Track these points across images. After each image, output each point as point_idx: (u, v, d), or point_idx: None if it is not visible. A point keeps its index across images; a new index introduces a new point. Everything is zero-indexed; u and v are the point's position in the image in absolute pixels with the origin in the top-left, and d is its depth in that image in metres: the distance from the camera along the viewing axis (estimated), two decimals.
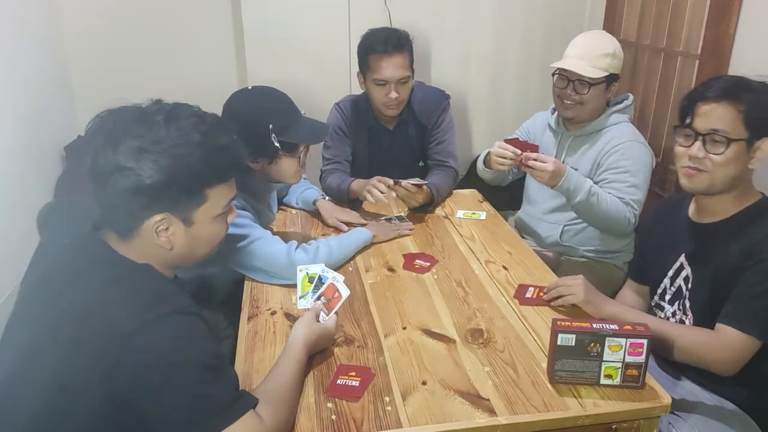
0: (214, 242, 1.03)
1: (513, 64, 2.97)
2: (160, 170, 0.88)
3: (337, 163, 2.03)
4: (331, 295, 1.20)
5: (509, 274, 1.48)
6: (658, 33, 2.60)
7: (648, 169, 1.76)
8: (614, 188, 1.73)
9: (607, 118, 1.82)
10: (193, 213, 0.95)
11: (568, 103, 1.79)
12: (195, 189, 0.94)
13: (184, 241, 0.96)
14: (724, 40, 2.20)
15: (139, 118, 0.91)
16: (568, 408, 1.02)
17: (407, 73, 1.92)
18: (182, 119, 0.92)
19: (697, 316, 1.27)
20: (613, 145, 1.76)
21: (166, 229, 0.94)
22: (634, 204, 1.72)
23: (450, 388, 1.07)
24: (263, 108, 1.45)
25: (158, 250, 0.96)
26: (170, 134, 0.90)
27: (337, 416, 1.01)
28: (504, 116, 3.03)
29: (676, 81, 2.51)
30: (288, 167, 1.50)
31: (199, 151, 0.91)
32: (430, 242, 1.67)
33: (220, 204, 0.98)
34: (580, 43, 1.82)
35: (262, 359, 1.16)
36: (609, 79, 1.77)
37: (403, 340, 1.22)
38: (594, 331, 1.03)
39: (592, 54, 1.76)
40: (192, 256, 1.01)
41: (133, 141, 0.88)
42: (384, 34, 1.92)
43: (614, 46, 1.79)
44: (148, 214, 0.92)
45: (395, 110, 1.99)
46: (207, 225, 0.98)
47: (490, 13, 2.86)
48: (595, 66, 1.74)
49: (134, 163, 0.88)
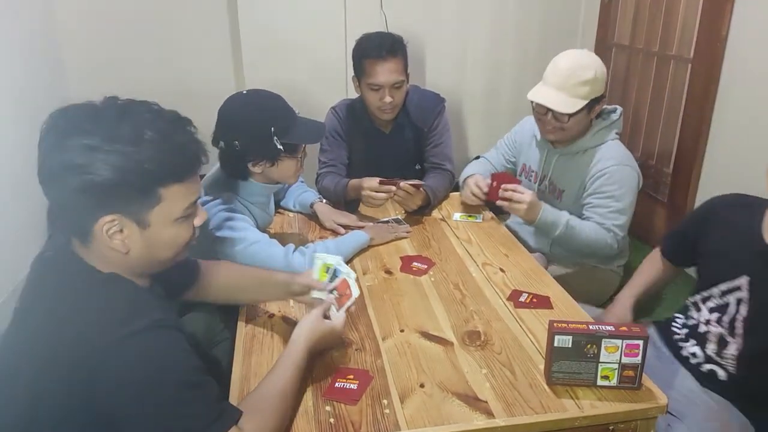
0: (177, 245, 0.96)
1: (508, 66, 2.99)
2: (110, 169, 0.83)
3: (332, 167, 2.04)
4: (343, 291, 1.19)
5: (506, 277, 1.49)
6: (651, 36, 2.62)
7: (633, 192, 1.73)
8: (597, 213, 1.72)
9: (592, 137, 1.76)
10: (147, 214, 0.89)
11: (549, 128, 1.75)
12: (147, 189, 0.88)
13: (141, 245, 0.91)
14: (716, 43, 2.22)
15: (90, 115, 0.87)
16: (566, 409, 1.02)
17: (401, 77, 1.93)
18: (136, 115, 0.88)
19: (748, 344, 1.23)
20: (600, 168, 1.72)
21: (120, 231, 0.89)
22: (617, 229, 1.71)
23: (448, 391, 1.07)
24: (263, 111, 1.45)
25: (116, 255, 0.91)
26: (121, 131, 0.85)
27: (335, 419, 1.01)
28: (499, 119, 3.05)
29: (669, 84, 2.54)
30: (289, 167, 1.51)
31: (152, 149, 0.86)
32: (428, 245, 1.68)
33: (179, 206, 0.92)
34: (560, 69, 1.67)
35: (259, 363, 1.16)
36: (590, 103, 1.68)
37: (401, 343, 1.22)
38: (590, 332, 1.04)
39: (570, 82, 1.64)
40: (155, 260, 0.95)
41: (83, 138, 0.84)
42: (378, 38, 1.93)
43: (594, 70, 1.65)
44: (98, 215, 0.87)
45: (390, 114, 1.99)
46: (165, 228, 0.92)
47: (485, 16, 2.88)
48: (574, 95, 1.65)
49: (84, 160, 0.83)
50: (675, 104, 2.50)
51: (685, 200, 2.47)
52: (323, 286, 1.20)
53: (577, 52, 1.71)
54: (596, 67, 1.66)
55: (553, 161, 1.84)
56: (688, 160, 2.43)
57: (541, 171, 1.88)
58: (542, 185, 1.89)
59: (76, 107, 0.88)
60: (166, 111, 0.92)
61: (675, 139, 2.51)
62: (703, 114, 2.32)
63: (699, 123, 2.35)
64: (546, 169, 1.87)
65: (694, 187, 2.43)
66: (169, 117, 0.91)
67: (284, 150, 1.45)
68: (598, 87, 1.68)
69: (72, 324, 0.84)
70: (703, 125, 2.33)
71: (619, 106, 1.83)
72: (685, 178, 2.45)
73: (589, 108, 1.69)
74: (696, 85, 2.36)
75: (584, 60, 1.67)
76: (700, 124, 2.34)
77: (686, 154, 2.44)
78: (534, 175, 1.91)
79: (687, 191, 2.45)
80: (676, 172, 2.52)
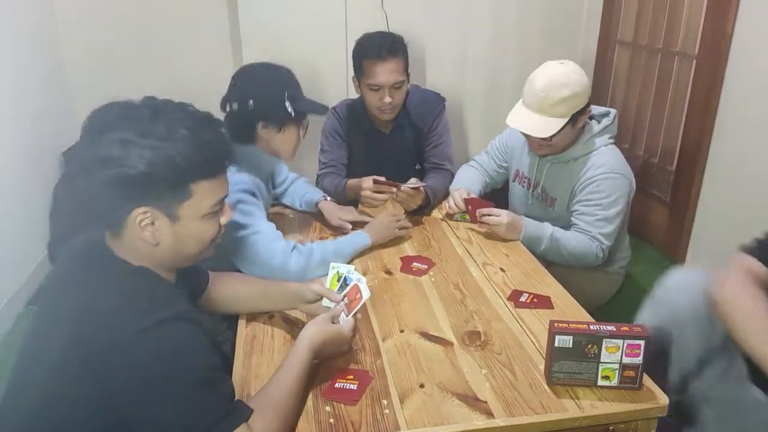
0: (204, 241, 0.99)
1: (509, 66, 2.97)
2: (144, 162, 0.88)
3: (332, 167, 2.04)
4: (354, 296, 1.19)
5: (506, 277, 1.48)
6: (656, 33, 2.60)
7: (623, 201, 1.70)
8: (583, 220, 1.70)
9: (583, 145, 1.72)
10: (178, 208, 0.93)
11: (535, 145, 1.73)
12: (178, 183, 0.92)
13: (170, 238, 0.95)
14: (721, 40, 2.20)
15: (126, 112, 0.91)
16: (566, 409, 1.02)
17: (401, 77, 1.92)
18: (169, 113, 0.92)
19: None
20: (589, 177, 1.69)
21: (152, 223, 0.92)
22: (603, 238, 1.69)
23: (448, 391, 1.07)
24: (278, 77, 1.53)
25: (146, 247, 0.94)
26: (156, 128, 0.89)
27: (335, 419, 1.01)
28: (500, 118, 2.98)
29: (673, 81, 2.52)
30: (291, 138, 1.55)
31: (184, 146, 0.90)
32: (428, 245, 1.67)
33: (207, 202, 0.96)
34: (534, 91, 1.62)
35: (260, 363, 1.16)
36: (573, 117, 1.63)
37: (401, 343, 1.22)
38: (591, 332, 1.03)
39: (546, 103, 1.60)
40: (182, 254, 0.99)
41: (119, 133, 0.88)
42: (378, 38, 1.92)
43: (572, 87, 1.59)
44: (132, 207, 0.90)
45: (390, 115, 1.99)
46: (194, 222, 0.96)
47: (486, 15, 2.86)
48: (552, 115, 1.61)
49: (119, 153, 0.87)
50: (679, 102, 2.48)
51: (688, 199, 2.45)
52: (335, 296, 1.20)
53: (554, 68, 1.64)
54: (573, 83, 1.60)
55: (545, 169, 1.81)
56: (692, 159, 2.41)
57: (533, 178, 1.86)
58: (535, 192, 1.87)
59: (114, 104, 0.93)
60: (200, 111, 0.97)
61: (678, 137, 2.50)
62: (707, 112, 2.30)
63: (703, 121, 2.33)
64: (538, 176, 1.85)
65: (697, 186, 2.42)
66: (200, 117, 0.96)
67: (294, 116, 1.51)
68: (578, 102, 1.63)
69: (95, 313, 0.87)
70: (707, 123, 2.31)
71: (612, 109, 1.78)
72: (689, 176, 2.44)
73: (573, 122, 1.65)
74: (700, 83, 2.34)
75: (560, 77, 1.61)
76: (704, 122, 2.32)
77: (690, 152, 2.43)
78: (527, 181, 1.90)
79: (690, 190, 2.43)
80: (680, 171, 2.51)
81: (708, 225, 2.40)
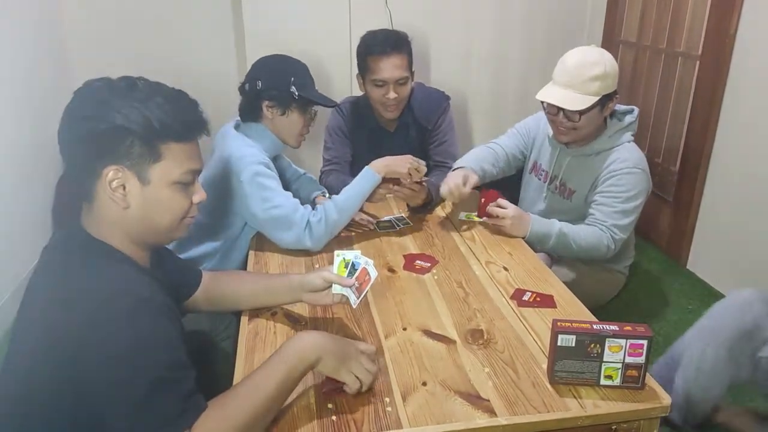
0: (174, 212, 0.99)
1: (513, 63, 2.97)
2: (119, 116, 0.91)
3: (336, 164, 2.04)
4: (363, 278, 1.19)
5: (510, 275, 1.48)
6: (659, 33, 2.60)
7: (642, 197, 1.72)
8: (600, 211, 1.71)
9: (608, 139, 1.74)
10: (149, 170, 0.94)
11: (562, 128, 1.72)
12: (150, 141, 0.93)
13: (140, 202, 0.95)
14: (725, 40, 2.20)
15: (105, 84, 0.95)
16: (568, 409, 1.02)
17: (405, 73, 1.92)
18: (147, 86, 0.96)
19: None
20: (612, 170, 1.71)
21: (123, 186, 0.94)
22: (616, 230, 1.70)
23: (450, 389, 1.07)
24: (288, 64, 1.64)
25: (117, 213, 0.95)
26: (133, 94, 0.93)
27: (337, 417, 1.01)
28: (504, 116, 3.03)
29: (677, 81, 2.52)
30: (295, 123, 1.63)
31: (158, 109, 0.93)
32: (431, 243, 1.67)
33: (177, 168, 0.97)
34: (568, 67, 1.65)
35: (262, 360, 1.15)
36: (602, 100, 1.66)
37: (404, 341, 1.22)
38: (594, 331, 1.03)
39: (580, 79, 1.62)
40: (152, 225, 0.98)
41: (96, 96, 0.93)
42: (382, 35, 1.92)
43: (604, 65, 1.63)
44: (103, 165, 0.92)
45: (394, 113, 1.99)
46: (164, 189, 0.96)
47: (490, 12, 2.86)
48: (584, 92, 1.62)
49: (94, 112, 0.91)
50: (682, 102, 2.48)
51: (691, 199, 2.45)
52: (347, 281, 1.19)
53: (586, 49, 1.69)
54: (605, 63, 1.63)
55: (564, 162, 1.82)
56: (695, 159, 2.41)
57: (552, 171, 1.86)
58: (551, 185, 1.88)
59: (93, 81, 0.96)
60: (177, 89, 1.00)
61: (682, 137, 2.49)
62: (711, 112, 2.30)
63: (706, 121, 2.33)
64: (557, 169, 1.85)
65: (700, 186, 2.42)
66: (176, 90, 1.00)
67: (298, 100, 1.59)
68: (609, 83, 1.65)
69: (62, 307, 0.87)
70: (711, 123, 2.31)
71: (635, 107, 1.81)
72: (692, 176, 2.43)
73: (602, 105, 1.67)
74: (704, 83, 2.34)
75: (593, 56, 1.65)
76: (708, 122, 2.32)
77: (693, 152, 2.43)
78: (545, 174, 1.90)
79: (693, 190, 2.43)
80: (683, 171, 2.50)
81: (711, 225, 2.40)
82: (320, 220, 1.54)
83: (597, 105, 1.65)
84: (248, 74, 1.65)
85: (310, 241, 1.54)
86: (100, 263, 0.93)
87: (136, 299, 0.88)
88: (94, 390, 0.84)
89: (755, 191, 2.15)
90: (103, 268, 0.92)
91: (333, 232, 1.58)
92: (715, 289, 2.34)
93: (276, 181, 1.56)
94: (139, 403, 0.84)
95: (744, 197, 2.20)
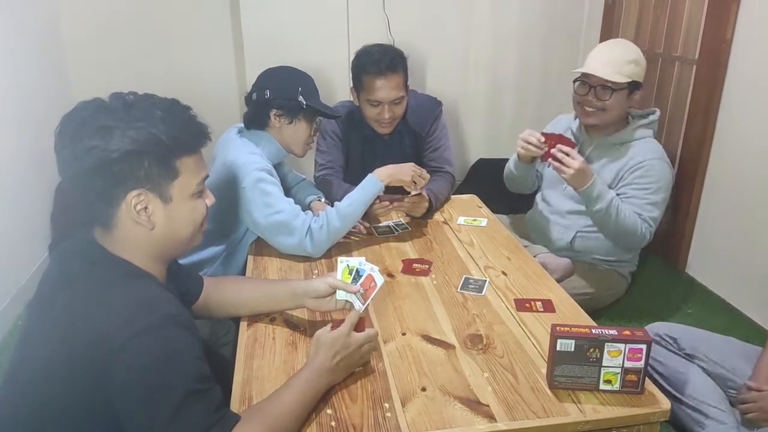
0: (195, 222, 1.01)
1: (511, 70, 2.98)
2: (129, 141, 0.88)
3: (330, 169, 2.04)
4: (368, 285, 1.19)
5: (508, 280, 1.48)
6: (656, 38, 2.61)
7: (668, 188, 1.77)
8: (634, 204, 1.74)
9: (632, 132, 1.80)
10: (169, 188, 0.94)
11: (589, 109, 1.78)
12: (165, 160, 0.93)
13: (164, 220, 0.95)
14: (721, 45, 2.21)
15: (100, 107, 0.92)
16: (568, 413, 1.02)
17: (401, 93, 1.92)
18: (141, 101, 0.94)
19: None
20: (638, 161, 1.76)
21: (146, 208, 0.93)
22: (651, 221, 1.73)
23: (449, 394, 1.07)
24: (295, 76, 1.67)
25: (141, 234, 0.94)
26: (132, 113, 0.91)
27: (336, 422, 1.01)
28: (501, 122, 3.04)
29: (674, 86, 2.52)
30: (301, 132, 1.66)
31: (163, 124, 0.92)
32: (430, 247, 1.67)
33: (193, 180, 0.98)
34: (603, 51, 1.81)
35: (261, 366, 1.16)
36: (632, 86, 1.76)
37: (403, 346, 1.22)
38: (593, 336, 1.03)
39: (614, 58, 1.75)
40: (176, 239, 0.99)
41: (96, 123, 0.89)
42: (378, 53, 1.89)
43: (637, 53, 1.78)
44: (124, 191, 0.91)
45: (388, 128, 1.99)
46: (184, 202, 0.97)
47: (488, 18, 2.87)
48: (619, 72, 1.74)
49: (100, 141, 0.88)
50: (679, 106, 2.49)
51: (689, 204, 2.45)
52: (352, 287, 1.19)
53: (619, 40, 1.86)
54: (638, 53, 1.78)
55: (587, 152, 1.86)
56: (693, 163, 2.42)
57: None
58: None
59: (85, 103, 0.93)
60: (167, 98, 0.99)
61: (679, 142, 2.50)
62: (708, 116, 2.30)
63: (704, 125, 2.33)
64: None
65: (698, 191, 2.42)
66: (170, 101, 0.98)
67: (305, 109, 1.62)
68: (640, 71, 1.77)
69: (87, 317, 0.86)
70: (708, 128, 2.32)
71: (657, 108, 1.90)
72: (689, 181, 2.44)
73: (630, 91, 1.76)
74: (701, 87, 2.35)
75: (627, 44, 1.82)
76: (705, 126, 2.32)
77: (690, 157, 2.43)
78: None
79: (691, 195, 2.44)
80: (680, 175, 2.51)
81: (709, 230, 2.40)
82: (322, 227, 1.54)
83: (626, 88, 1.74)
84: (255, 84, 1.66)
85: (311, 247, 1.54)
86: (127, 280, 0.92)
87: (165, 314, 0.88)
88: (125, 406, 0.84)
89: (753, 196, 2.15)
90: (130, 285, 0.92)
91: (334, 238, 1.58)
92: (714, 293, 2.35)
93: (278, 187, 1.56)
94: (173, 416, 0.84)
95: (741, 202, 2.21)
